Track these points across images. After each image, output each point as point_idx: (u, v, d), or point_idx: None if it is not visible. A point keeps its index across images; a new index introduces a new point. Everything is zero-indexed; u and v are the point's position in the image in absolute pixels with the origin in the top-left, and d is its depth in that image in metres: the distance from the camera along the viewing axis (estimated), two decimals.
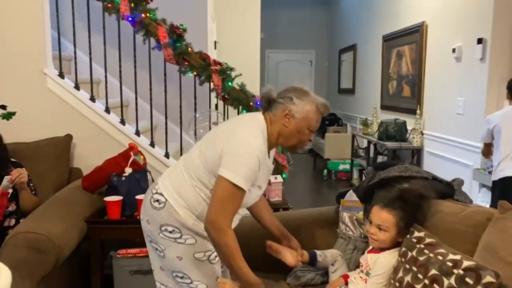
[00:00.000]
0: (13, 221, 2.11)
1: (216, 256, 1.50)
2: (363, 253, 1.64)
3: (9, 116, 2.14)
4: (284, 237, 1.70)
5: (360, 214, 1.84)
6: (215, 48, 4.42)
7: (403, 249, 1.44)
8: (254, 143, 1.41)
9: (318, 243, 1.86)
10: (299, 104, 1.48)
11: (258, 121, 1.49)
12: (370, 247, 1.58)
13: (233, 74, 2.88)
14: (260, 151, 1.41)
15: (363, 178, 3.36)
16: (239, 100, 2.82)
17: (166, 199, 1.49)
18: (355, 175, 5.66)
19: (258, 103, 2.83)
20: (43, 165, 2.53)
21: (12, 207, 2.07)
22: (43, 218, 1.99)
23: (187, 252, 1.48)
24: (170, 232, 1.48)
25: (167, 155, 2.88)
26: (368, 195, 1.79)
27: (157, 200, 1.51)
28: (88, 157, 2.82)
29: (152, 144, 2.88)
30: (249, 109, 2.82)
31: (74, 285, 2.32)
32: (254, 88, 3.34)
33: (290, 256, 1.62)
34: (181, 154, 2.89)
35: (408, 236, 1.47)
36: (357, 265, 1.64)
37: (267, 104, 1.53)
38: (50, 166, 2.55)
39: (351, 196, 1.93)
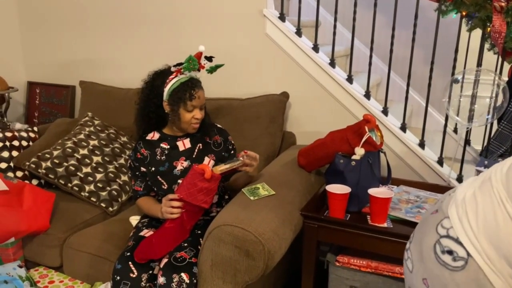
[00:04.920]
0: (216, 197, 1.77)
1: None
2: None
3: (215, 69, 1.74)
4: None
5: None
6: None
7: None
8: None
9: None
10: None
11: None
12: None
13: None
14: None
15: None
16: None
17: (468, 254, 0.80)
18: None
19: None
20: (256, 128, 2.13)
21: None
22: (253, 205, 1.56)
23: None
24: None
25: (403, 128, 2.14)
26: None
27: (450, 252, 0.82)
28: (303, 121, 2.31)
29: (385, 112, 2.17)
30: None
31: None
32: None
33: None
34: (424, 128, 2.11)
35: None
36: None
37: None
38: (264, 129, 2.13)
39: None
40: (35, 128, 2.40)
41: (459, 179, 2.05)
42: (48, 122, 2.86)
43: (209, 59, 1.70)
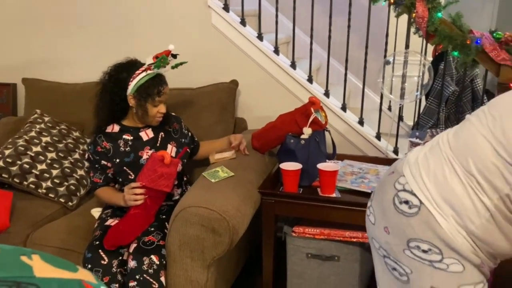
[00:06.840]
0: (175, 181, 1.85)
1: None
2: None
3: (180, 64, 1.84)
4: None
5: None
6: None
7: None
8: None
9: None
10: None
11: None
12: None
13: (442, 1, 2.11)
14: None
15: None
16: (451, 37, 2.06)
17: (421, 202, 1.00)
18: None
19: (479, 41, 2.05)
20: (209, 116, 2.22)
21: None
22: (215, 187, 1.68)
23: (449, 282, 0.99)
24: (425, 251, 0.99)
25: (344, 108, 2.34)
26: None
27: (406, 202, 1.01)
28: (253, 107, 2.44)
29: (326, 94, 2.35)
30: (463, 50, 2.06)
31: (243, 263, 2.06)
32: None
33: None
34: (362, 108, 2.32)
35: None
36: None
37: None
38: (216, 116, 2.23)
39: None
40: None
41: (395, 151, 2.29)
42: None
43: (175, 56, 1.79)
